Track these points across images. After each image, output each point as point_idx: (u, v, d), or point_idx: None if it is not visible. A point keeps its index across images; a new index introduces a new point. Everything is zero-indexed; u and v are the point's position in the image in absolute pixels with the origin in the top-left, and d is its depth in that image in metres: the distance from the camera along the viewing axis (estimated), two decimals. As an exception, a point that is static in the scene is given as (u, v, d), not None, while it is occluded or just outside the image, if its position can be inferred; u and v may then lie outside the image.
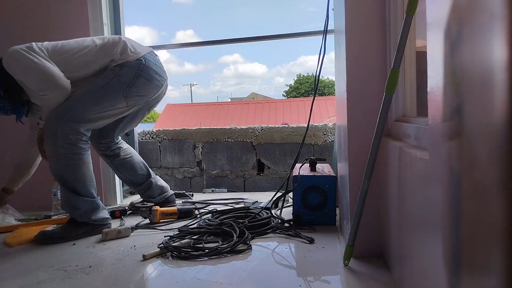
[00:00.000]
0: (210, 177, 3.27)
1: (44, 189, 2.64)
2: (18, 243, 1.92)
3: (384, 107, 1.28)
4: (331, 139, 3.01)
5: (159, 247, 1.69)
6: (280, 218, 2.06)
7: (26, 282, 1.46)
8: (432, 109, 0.81)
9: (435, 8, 0.79)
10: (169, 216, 2.22)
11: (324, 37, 2.14)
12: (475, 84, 0.57)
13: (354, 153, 1.55)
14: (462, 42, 0.62)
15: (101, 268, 1.57)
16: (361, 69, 1.53)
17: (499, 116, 0.47)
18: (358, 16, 1.52)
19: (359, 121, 1.53)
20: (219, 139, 3.25)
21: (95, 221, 2.01)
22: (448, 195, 0.71)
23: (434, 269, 0.83)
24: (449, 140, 0.70)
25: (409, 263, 1.10)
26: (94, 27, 2.67)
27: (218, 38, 5.94)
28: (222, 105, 18.66)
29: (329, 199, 2.01)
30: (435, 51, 0.79)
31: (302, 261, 1.58)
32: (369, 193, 1.37)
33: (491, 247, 0.52)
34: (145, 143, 3.36)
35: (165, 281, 1.42)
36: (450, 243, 0.71)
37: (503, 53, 0.46)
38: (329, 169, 2.22)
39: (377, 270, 1.42)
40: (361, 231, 1.43)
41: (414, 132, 1.17)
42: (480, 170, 0.55)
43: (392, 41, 1.46)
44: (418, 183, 0.98)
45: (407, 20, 1.14)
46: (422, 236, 0.95)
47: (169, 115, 16.37)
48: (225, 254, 1.63)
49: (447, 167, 0.72)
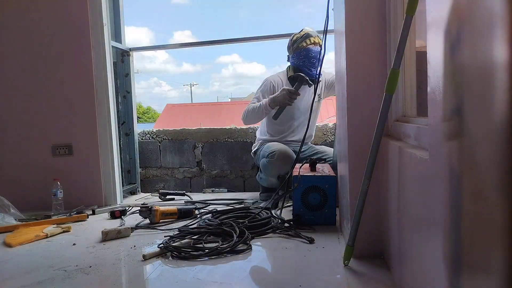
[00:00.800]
0: (210, 177, 3.27)
1: (44, 189, 2.64)
2: (18, 243, 1.92)
3: (384, 107, 1.28)
4: (331, 139, 3.01)
5: (159, 247, 1.69)
6: (280, 218, 2.06)
7: (26, 282, 1.46)
8: (432, 109, 0.81)
9: (435, 8, 0.79)
10: (169, 216, 2.22)
11: (324, 37, 2.14)
12: (475, 84, 0.57)
13: (354, 153, 1.54)
14: (462, 42, 0.62)
15: (101, 268, 1.56)
16: (361, 69, 1.53)
17: (499, 116, 0.47)
18: (358, 16, 1.51)
19: (359, 121, 1.53)
20: (219, 139, 3.25)
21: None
22: (448, 195, 0.71)
23: (434, 269, 0.83)
24: (449, 140, 0.70)
25: (409, 263, 1.10)
26: (94, 27, 2.67)
27: (216, 38, 5.89)
28: (222, 105, 18.66)
29: (329, 199, 2.01)
30: (435, 51, 0.79)
31: (302, 261, 1.58)
32: (369, 193, 1.37)
33: (491, 247, 0.52)
34: (145, 143, 3.36)
35: (165, 281, 1.42)
36: (450, 243, 0.71)
37: (503, 53, 0.46)
38: (329, 169, 2.22)
39: (377, 270, 1.42)
40: (361, 231, 1.43)
41: (414, 132, 1.17)
42: (480, 170, 0.55)
43: (392, 41, 1.46)
44: (418, 183, 0.98)
45: (407, 20, 1.14)
46: (422, 236, 0.95)
47: (169, 115, 16.37)
48: (225, 254, 1.63)
49: (447, 167, 0.72)
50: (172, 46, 3.52)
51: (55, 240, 2.00)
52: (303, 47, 2.60)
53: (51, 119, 2.78)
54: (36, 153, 2.80)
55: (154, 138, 3.37)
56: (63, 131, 2.77)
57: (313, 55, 2.59)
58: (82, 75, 2.70)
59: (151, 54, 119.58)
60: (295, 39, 2.64)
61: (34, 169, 2.80)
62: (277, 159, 2.45)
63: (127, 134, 3.20)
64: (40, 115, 2.79)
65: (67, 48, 2.71)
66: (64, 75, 2.74)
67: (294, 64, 2.68)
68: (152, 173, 3.37)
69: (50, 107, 2.77)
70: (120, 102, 3.12)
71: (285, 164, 2.44)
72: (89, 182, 2.75)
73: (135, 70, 3.28)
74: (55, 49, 2.73)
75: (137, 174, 3.24)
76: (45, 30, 2.73)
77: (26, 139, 2.81)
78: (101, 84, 2.71)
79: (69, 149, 2.77)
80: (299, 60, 2.64)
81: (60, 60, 2.73)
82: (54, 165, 2.77)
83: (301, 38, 2.62)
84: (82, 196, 2.72)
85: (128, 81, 3.15)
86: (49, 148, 2.78)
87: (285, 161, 2.45)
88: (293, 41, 2.65)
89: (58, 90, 2.75)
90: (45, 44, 2.74)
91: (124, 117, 3.17)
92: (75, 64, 2.71)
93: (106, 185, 2.76)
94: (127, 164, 3.21)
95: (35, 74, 2.77)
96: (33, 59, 2.76)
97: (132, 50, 3.17)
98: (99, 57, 2.69)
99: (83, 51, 2.68)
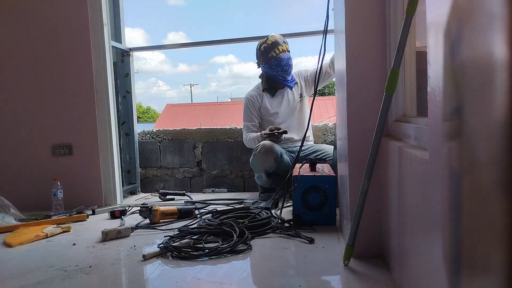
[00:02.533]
0: (210, 177, 3.27)
1: (44, 189, 2.64)
2: (18, 243, 1.92)
3: (384, 107, 1.28)
4: (331, 139, 3.01)
5: (159, 247, 1.69)
6: (280, 218, 2.06)
7: (26, 282, 1.46)
8: (432, 109, 0.81)
9: (435, 8, 0.79)
10: (169, 216, 2.22)
11: (324, 37, 2.14)
12: (475, 84, 0.57)
13: (354, 153, 1.54)
14: (462, 42, 0.62)
15: (101, 268, 1.56)
16: (361, 69, 1.53)
17: (499, 116, 0.47)
18: (358, 16, 1.51)
19: (359, 121, 1.53)
20: (219, 139, 3.25)
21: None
22: (448, 195, 0.71)
23: (434, 269, 0.83)
24: (449, 140, 0.70)
25: (409, 263, 1.10)
26: (94, 27, 2.67)
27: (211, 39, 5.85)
28: (222, 105, 18.64)
29: (329, 199, 2.01)
30: (435, 51, 0.79)
31: (302, 261, 1.58)
32: (369, 193, 1.37)
33: (491, 247, 0.52)
34: (145, 143, 3.36)
35: (165, 281, 1.42)
36: (450, 243, 0.71)
37: (503, 53, 0.46)
38: (329, 169, 2.22)
39: (377, 270, 1.42)
40: (361, 231, 1.43)
41: (414, 132, 1.17)
42: (480, 170, 0.55)
43: (392, 41, 1.46)
44: (418, 183, 0.98)
45: (407, 20, 1.14)
46: (422, 236, 0.95)
47: (169, 115, 16.36)
48: (225, 254, 1.63)
49: (447, 167, 0.72)
50: (172, 46, 3.52)
51: (55, 240, 2.00)
52: (273, 57, 2.63)
53: (51, 119, 2.78)
54: (36, 153, 2.80)
55: (154, 138, 3.37)
56: (63, 131, 2.77)
57: (285, 63, 2.64)
58: (82, 75, 2.70)
59: (147, 56, 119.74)
60: (263, 49, 2.65)
61: (34, 169, 2.81)
62: (259, 152, 2.47)
63: (127, 134, 3.20)
64: (40, 115, 2.79)
65: (67, 48, 2.71)
66: (64, 75, 2.74)
67: (267, 74, 2.74)
68: (152, 173, 3.37)
69: (50, 107, 2.77)
70: (120, 102, 3.12)
71: (267, 157, 2.45)
72: (89, 182, 2.75)
73: (135, 70, 3.28)
74: (55, 49, 2.73)
75: (137, 174, 3.24)
76: (45, 30, 2.73)
77: (26, 139, 2.81)
78: (101, 84, 2.71)
79: (69, 149, 2.77)
80: (271, 70, 2.68)
81: (60, 60, 2.73)
82: (54, 165, 2.77)
83: (269, 47, 2.63)
84: (82, 196, 2.72)
85: (128, 81, 3.15)
86: (49, 148, 2.79)
87: (267, 154, 2.45)
88: (262, 51, 2.67)
89: (58, 90, 2.75)
90: (45, 44, 2.74)
91: (124, 117, 3.17)
92: (75, 64, 2.71)
93: (106, 185, 2.76)
94: (127, 164, 3.21)
95: (35, 74, 2.77)
96: (33, 59, 2.76)
97: (132, 50, 3.17)
98: (99, 57, 2.69)
99: (83, 51, 2.68)
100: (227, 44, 3.26)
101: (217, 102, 24.04)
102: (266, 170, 2.52)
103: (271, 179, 2.58)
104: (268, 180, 2.58)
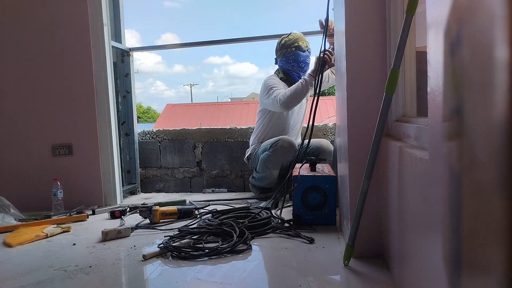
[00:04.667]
0: (210, 177, 3.27)
1: (44, 189, 2.64)
2: (18, 243, 1.92)
3: (384, 107, 1.28)
4: (331, 139, 3.01)
5: (159, 247, 1.69)
6: (280, 218, 2.06)
7: (26, 282, 1.46)
8: (432, 109, 0.81)
9: (435, 8, 0.79)
10: (169, 216, 2.22)
11: (324, 37, 2.14)
12: (475, 84, 0.57)
13: (354, 153, 1.55)
14: (462, 42, 0.62)
15: (101, 268, 1.56)
16: (361, 69, 1.53)
17: (499, 116, 0.47)
18: (358, 16, 1.51)
19: (359, 121, 1.53)
20: (219, 139, 3.25)
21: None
22: (448, 195, 0.71)
23: (434, 269, 0.83)
24: (449, 140, 0.70)
25: (409, 263, 1.10)
26: (94, 27, 2.67)
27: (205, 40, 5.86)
28: (222, 105, 18.63)
29: (329, 199, 2.01)
30: (435, 51, 0.79)
31: (302, 261, 1.58)
32: (369, 193, 1.37)
33: (491, 247, 0.52)
34: (145, 143, 3.36)
35: (165, 281, 1.42)
36: (450, 243, 0.71)
37: (503, 53, 0.46)
38: (329, 169, 2.22)
39: (377, 270, 1.42)
40: (361, 231, 1.43)
41: (414, 132, 1.17)
42: (480, 170, 0.55)
43: (392, 41, 1.46)
44: (418, 183, 0.98)
45: (407, 20, 1.14)
46: (422, 236, 0.95)
47: (169, 115, 16.35)
48: (225, 254, 1.63)
49: (447, 167, 0.72)
50: (172, 46, 3.51)
51: (55, 240, 2.00)
52: (292, 51, 2.64)
53: (51, 119, 2.78)
54: (36, 153, 2.80)
55: (154, 138, 3.37)
56: (63, 131, 2.77)
57: (302, 59, 2.65)
58: (82, 75, 2.70)
59: (141, 57, 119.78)
60: (283, 42, 2.67)
61: (34, 169, 2.81)
62: (282, 146, 2.49)
63: (127, 134, 3.20)
64: (40, 115, 2.79)
65: (67, 48, 2.71)
66: (64, 75, 2.74)
67: (283, 68, 2.75)
68: (152, 173, 3.37)
69: (50, 107, 2.77)
70: (120, 102, 3.12)
71: (290, 152, 2.50)
72: (89, 182, 2.75)
73: (135, 70, 3.28)
74: (55, 49, 2.73)
75: (137, 174, 3.24)
76: (45, 30, 2.73)
77: (26, 139, 2.81)
78: (101, 84, 2.71)
79: (69, 149, 2.77)
80: (287, 64, 2.69)
81: (60, 60, 2.73)
82: (54, 165, 2.77)
83: (290, 41, 2.65)
84: (82, 196, 2.72)
85: (128, 81, 3.15)
86: (49, 148, 2.79)
87: (290, 148, 2.50)
88: (282, 45, 2.69)
89: (58, 90, 2.75)
90: (45, 44, 2.74)
91: (124, 117, 3.17)
92: (75, 64, 2.71)
93: (106, 185, 2.76)
94: (127, 164, 3.21)
95: (35, 74, 2.77)
96: (33, 59, 2.76)
97: (132, 50, 3.17)
98: (99, 57, 2.69)
99: (83, 51, 2.68)
100: (224, 44, 3.27)
101: (217, 102, 24.03)
102: (283, 164, 2.57)
103: (278, 176, 2.62)
104: (276, 177, 2.61)
